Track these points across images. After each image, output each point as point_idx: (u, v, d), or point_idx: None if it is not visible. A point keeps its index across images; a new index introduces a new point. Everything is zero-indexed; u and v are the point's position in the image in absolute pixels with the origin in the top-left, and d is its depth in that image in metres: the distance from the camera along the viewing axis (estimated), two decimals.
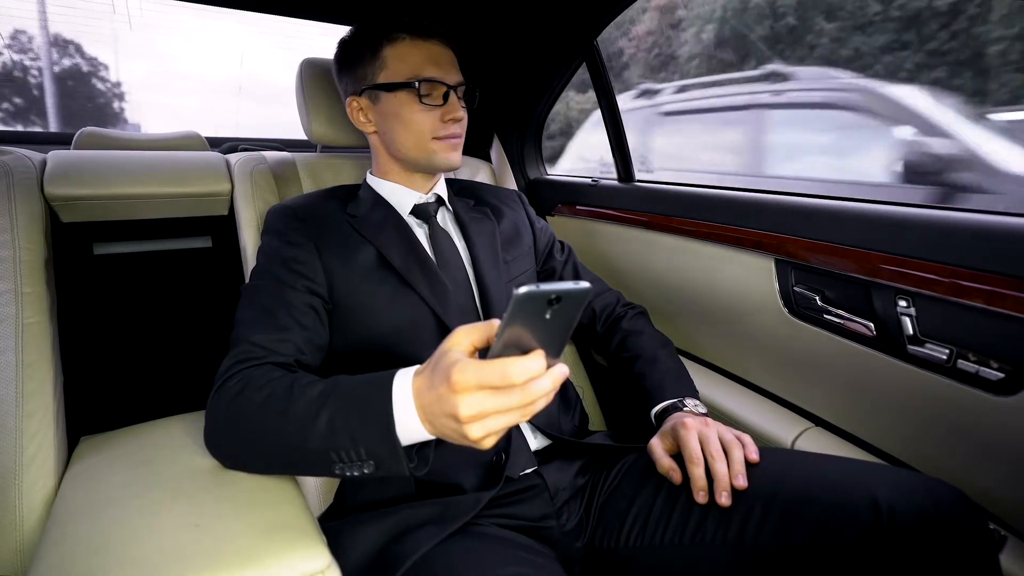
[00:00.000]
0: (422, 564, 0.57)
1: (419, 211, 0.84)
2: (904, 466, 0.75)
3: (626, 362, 0.88)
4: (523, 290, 0.38)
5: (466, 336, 0.46)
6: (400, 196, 0.84)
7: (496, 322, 0.44)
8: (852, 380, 0.79)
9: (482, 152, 1.48)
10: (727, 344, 1.01)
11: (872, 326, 0.75)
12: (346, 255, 0.75)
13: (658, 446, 0.70)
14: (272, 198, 0.96)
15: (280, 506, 0.57)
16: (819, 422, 0.86)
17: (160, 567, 0.47)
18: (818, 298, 0.82)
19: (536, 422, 0.76)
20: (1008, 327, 0.61)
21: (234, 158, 1.05)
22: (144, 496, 0.58)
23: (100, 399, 0.98)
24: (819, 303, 0.81)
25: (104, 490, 0.60)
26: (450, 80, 0.79)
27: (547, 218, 1.40)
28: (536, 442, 0.76)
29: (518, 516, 0.69)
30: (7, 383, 0.67)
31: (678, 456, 0.68)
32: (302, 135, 1.00)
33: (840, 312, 0.79)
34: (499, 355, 0.42)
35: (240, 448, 0.60)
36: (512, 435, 0.71)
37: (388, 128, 0.82)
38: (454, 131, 0.80)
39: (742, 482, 0.61)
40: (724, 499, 0.61)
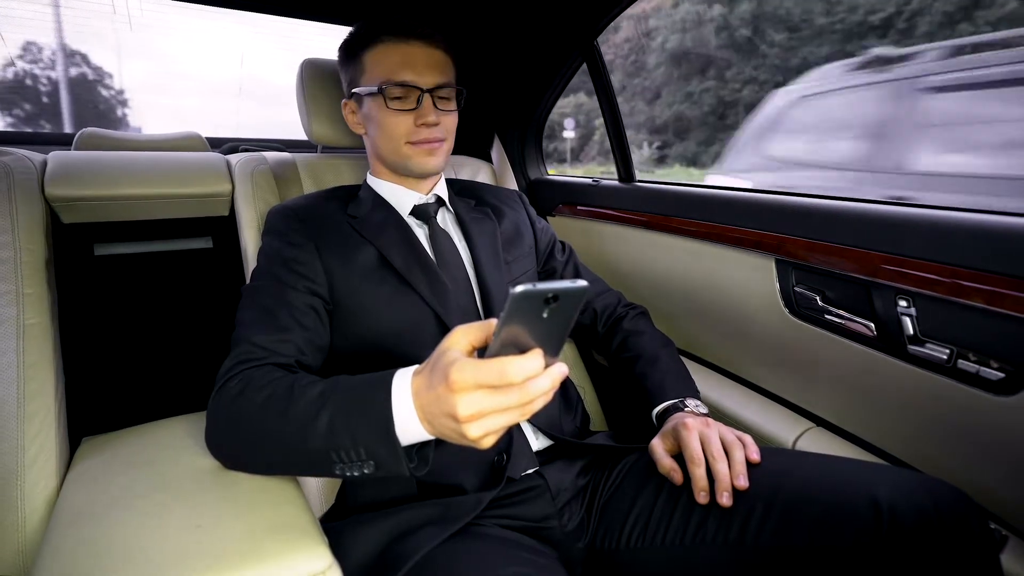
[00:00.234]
0: (423, 564, 0.57)
1: (419, 212, 0.84)
2: (905, 466, 0.75)
3: (627, 362, 0.88)
4: (520, 289, 0.37)
5: (464, 335, 0.46)
6: (400, 197, 0.84)
7: (494, 321, 0.44)
8: (853, 380, 0.79)
9: (483, 152, 1.48)
10: (728, 344, 1.01)
11: (872, 326, 0.75)
12: (346, 255, 0.75)
13: (659, 446, 0.70)
14: (273, 199, 0.96)
15: (281, 507, 0.57)
16: (820, 422, 0.86)
17: (162, 568, 0.47)
18: (819, 298, 0.82)
19: (537, 423, 0.76)
20: (1008, 327, 0.61)
21: (235, 159, 1.05)
22: (146, 497, 0.58)
23: (101, 400, 0.98)
24: (820, 303, 0.81)
25: (106, 491, 0.60)
26: (424, 83, 0.77)
27: (548, 218, 1.40)
28: (537, 442, 0.76)
29: (520, 516, 0.69)
30: (8, 384, 0.67)
31: (679, 456, 0.68)
32: (302, 135, 1.01)
33: (841, 312, 0.79)
34: (497, 354, 0.42)
35: (241, 448, 0.60)
36: (513, 435, 0.71)
37: (371, 132, 0.83)
38: (426, 135, 0.79)
39: (743, 482, 0.61)
40: (725, 499, 0.61)
